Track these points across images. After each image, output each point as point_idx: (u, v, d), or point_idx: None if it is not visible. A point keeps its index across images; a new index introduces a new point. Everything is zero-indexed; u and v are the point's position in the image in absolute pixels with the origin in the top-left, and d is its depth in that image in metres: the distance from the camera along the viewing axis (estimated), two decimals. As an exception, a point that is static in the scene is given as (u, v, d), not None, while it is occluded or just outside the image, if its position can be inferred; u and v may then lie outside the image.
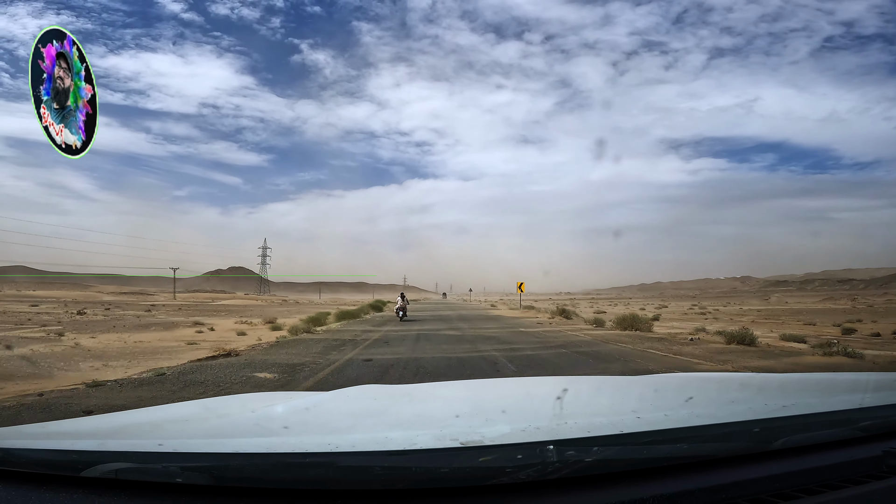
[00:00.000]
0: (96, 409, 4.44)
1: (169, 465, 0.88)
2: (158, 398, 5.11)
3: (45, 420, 3.16)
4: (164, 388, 5.73)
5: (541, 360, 8.29)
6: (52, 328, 16.73)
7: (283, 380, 6.40)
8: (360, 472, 0.86)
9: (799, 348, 9.91)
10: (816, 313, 29.97)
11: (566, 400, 1.39)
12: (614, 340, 11.45)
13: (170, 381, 6.12)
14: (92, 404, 4.71)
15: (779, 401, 1.25)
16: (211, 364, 7.63)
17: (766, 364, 7.40)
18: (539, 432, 0.95)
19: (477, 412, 1.38)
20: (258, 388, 5.85)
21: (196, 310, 36.23)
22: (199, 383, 6.00)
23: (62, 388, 5.63)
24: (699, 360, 7.98)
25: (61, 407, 4.63)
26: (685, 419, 1.06)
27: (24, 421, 4.10)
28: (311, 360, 8.29)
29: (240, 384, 6.04)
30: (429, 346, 10.54)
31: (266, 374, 6.81)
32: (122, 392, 5.43)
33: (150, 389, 5.61)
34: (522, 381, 2.61)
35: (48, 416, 4.21)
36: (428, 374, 6.88)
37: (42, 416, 4.27)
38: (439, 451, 0.88)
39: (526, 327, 16.57)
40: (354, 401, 1.56)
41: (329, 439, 0.92)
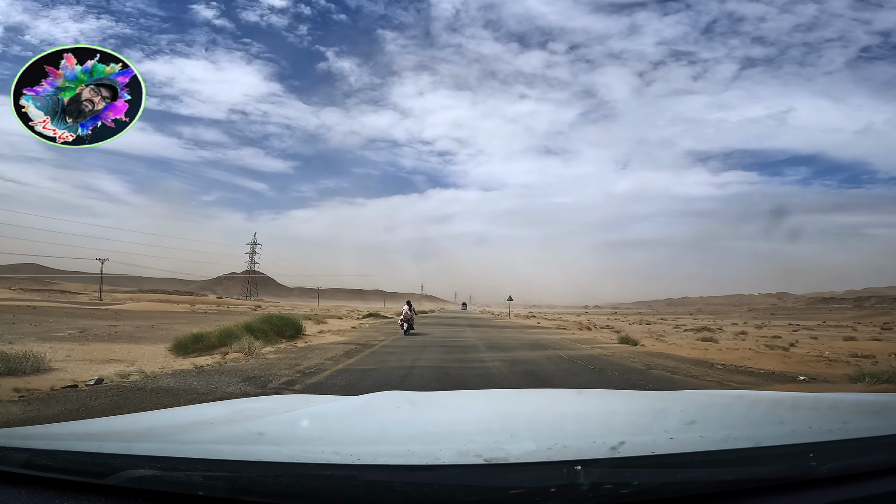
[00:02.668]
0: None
1: (192, 474, 0.86)
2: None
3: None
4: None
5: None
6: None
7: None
8: (382, 489, 0.83)
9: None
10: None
11: (594, 416, 1.42)
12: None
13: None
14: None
15: (824, 424, 1.17)
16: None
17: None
18: (566, 451, 0.89)
19: (501, 426, 1.34)
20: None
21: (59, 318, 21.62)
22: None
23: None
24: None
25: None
26: (722, 441, 1.00)
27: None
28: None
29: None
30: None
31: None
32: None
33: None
34: (547, 394, 2.59)
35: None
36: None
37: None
38: (462, 468, 0.85)
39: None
40: (377, 408, 1.54)
41: (351, 450, 0.92)
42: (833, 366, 10.07)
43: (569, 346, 15.02)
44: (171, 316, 28.80)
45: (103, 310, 34.55)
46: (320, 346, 12.11)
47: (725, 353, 12.58)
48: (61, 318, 21.01)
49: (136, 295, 66.28)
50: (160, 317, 27.19)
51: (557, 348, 13.84)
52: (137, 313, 31.40)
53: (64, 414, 4.30)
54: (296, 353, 10.26)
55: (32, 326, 15.71)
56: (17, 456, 0.95)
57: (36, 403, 4.71)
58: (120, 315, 27.83)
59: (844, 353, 12.99)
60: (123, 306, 42.33)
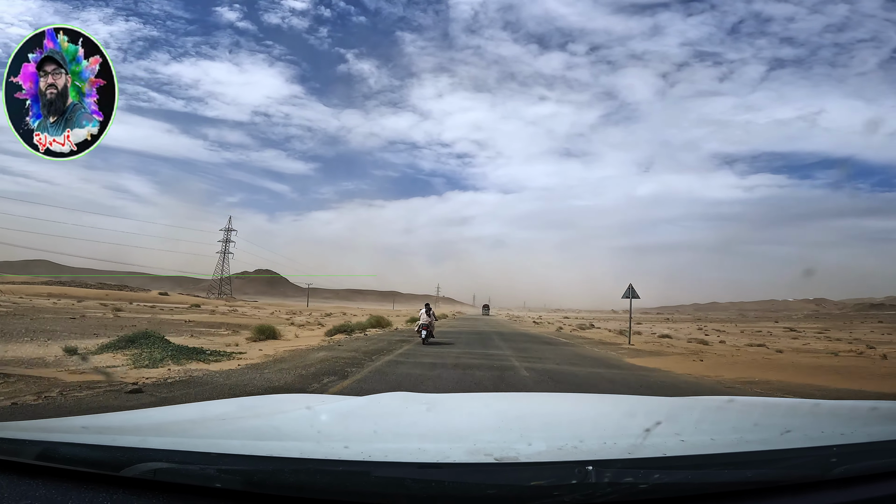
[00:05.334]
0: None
1: (206, 468, 0.87)
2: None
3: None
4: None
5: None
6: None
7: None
8: (393, 485, 0.84)
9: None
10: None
11: (607, 419, 1.46)
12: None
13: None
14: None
15: (837, 428, 1.17)
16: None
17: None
18: (577, 451, 0.91)
19: (511, 427, 1.35)
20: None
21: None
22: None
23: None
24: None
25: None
26: (734, 444, 1.03)
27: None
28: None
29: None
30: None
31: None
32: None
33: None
34: (557, 398, 2.61)
35: None
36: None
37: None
38: (473, 467, 0.86)
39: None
40: (388, 408, 1.57)
41: (362, 447, 0.92)
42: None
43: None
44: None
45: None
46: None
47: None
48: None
49: (56, 288, 51.00)
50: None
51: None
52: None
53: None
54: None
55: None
56: (32, 448, 0.98)
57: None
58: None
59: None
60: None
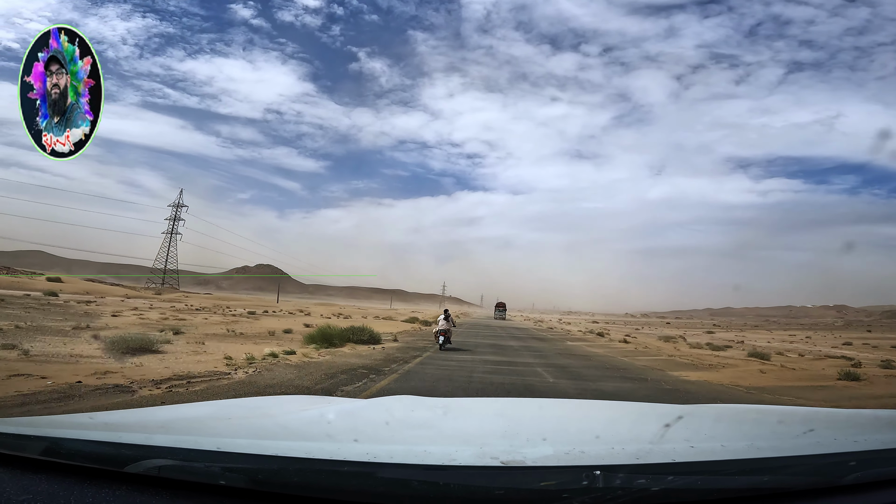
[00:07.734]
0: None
1: (211, 465, 0.87)
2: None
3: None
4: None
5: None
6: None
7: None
8: (398, 486, 0.84)
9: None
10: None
11: (614, 424, 1.46)
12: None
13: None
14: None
15: (849, 436, 1.18)
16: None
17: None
18: (585, 456, 0.91)
19: (518, 431, 1.34)
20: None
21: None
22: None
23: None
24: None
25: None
26: (745, 451, 1.02)
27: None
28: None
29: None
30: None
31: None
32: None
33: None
34: (567, 403, 2.62)
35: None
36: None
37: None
38: (479, 469, 0.86)
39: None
40: (393, 411, 1.56)
41: (368, 448, 0.92)
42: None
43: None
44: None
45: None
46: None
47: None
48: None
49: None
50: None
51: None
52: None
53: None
54: None
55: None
56: (37, 444, 0.98)
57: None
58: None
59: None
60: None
